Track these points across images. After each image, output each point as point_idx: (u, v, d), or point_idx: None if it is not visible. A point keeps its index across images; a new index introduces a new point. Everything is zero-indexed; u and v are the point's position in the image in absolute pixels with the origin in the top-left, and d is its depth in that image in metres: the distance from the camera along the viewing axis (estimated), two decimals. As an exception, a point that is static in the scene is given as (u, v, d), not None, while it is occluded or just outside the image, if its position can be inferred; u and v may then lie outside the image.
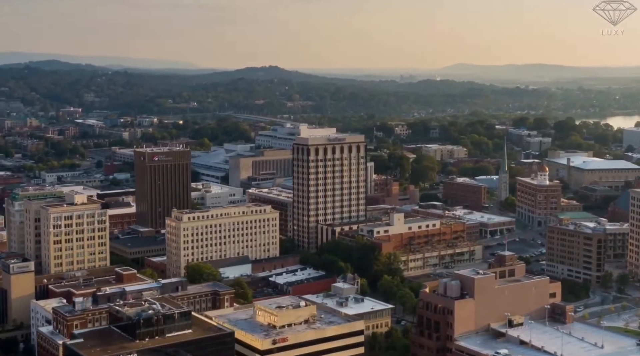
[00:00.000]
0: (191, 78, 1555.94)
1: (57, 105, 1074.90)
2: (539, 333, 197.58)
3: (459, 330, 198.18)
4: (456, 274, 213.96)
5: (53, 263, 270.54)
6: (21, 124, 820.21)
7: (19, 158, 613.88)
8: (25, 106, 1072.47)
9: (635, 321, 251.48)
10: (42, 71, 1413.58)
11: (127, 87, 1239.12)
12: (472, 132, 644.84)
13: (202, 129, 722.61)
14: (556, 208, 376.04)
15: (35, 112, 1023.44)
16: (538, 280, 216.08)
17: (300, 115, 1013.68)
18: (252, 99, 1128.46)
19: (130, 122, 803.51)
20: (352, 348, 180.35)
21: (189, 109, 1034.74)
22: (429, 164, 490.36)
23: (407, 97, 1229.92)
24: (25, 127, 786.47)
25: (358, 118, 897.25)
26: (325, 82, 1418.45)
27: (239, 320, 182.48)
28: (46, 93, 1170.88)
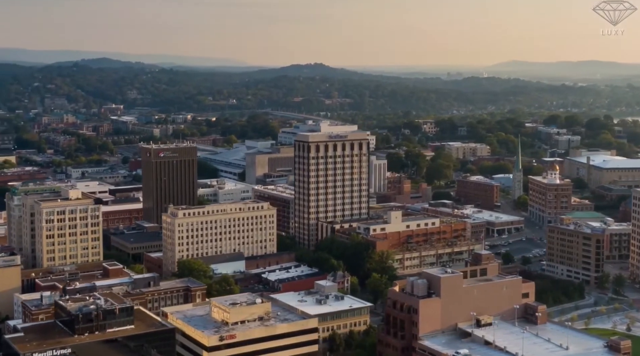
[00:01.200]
0: (236, 75, 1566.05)
1: (100, 102, 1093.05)
2: (505, 333, 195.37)
3: (424, 329, 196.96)
4: (424, 273, 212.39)
5: (46, 257, 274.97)
6: (57, 120, 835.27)
7: (50, 154, 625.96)
8: (69, 103, 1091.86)
9: (623, 324, 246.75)
10: (90, 68, 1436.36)
11: (170, 85, 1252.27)
12: (500, 130, 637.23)
13: (232, 126, 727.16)
14: (567, 207, 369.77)
15: (78, 109, 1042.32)
16: (509, 280, 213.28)
17: (338, 112, 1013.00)
18: (292, 96, 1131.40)
19: (164, 119, 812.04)
20: (304, 346, 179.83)
21: (228, 106, 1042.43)
22: (444, 162, 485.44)
23: (448, 95, 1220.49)
24: (60, 124, 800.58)
25: (393, 115, 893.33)
26: (368, 80, 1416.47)
27: (195, 316, 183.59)
28: (92, 90, 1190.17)
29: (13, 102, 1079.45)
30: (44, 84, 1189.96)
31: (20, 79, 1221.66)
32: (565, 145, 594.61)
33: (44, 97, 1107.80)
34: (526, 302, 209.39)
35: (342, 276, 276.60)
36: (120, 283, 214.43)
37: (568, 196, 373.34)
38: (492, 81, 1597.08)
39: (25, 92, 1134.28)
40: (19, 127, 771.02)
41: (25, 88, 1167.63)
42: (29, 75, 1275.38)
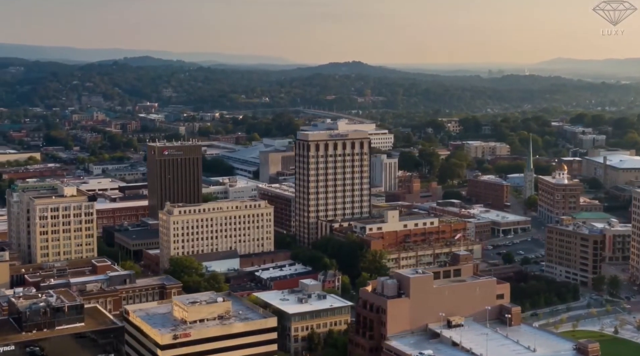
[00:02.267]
0: (274, 73, 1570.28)
1: (135, 100, 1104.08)
2: (475, 334, 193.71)
3: (392, 329, 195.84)
4: (395, 273, 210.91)
5: (39, 253, 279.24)
6: (87, 118, 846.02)
7: (76, 151, 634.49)
8: (105, 101, 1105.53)
9: (613, 326, 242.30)
10: (129, 67, 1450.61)
11: (206, 83, 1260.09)
12: (524, 129, 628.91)
13: (258, 124, 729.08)
14: (575, 207, 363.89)
15: (113, 106, 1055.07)
16: (483, 281, 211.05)
17: (370, 110, 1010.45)
18: (325, 94, 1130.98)
19: (192, 117, 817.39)
20: (262, 345, 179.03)
21: (260, 104, 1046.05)
22: (457, 161, 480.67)
23: (483, 93, 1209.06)
24: (90, 121, 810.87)
25: (423, 114, 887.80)
26: (404, 78, 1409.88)
27: (157, 314, 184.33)
28: (129, 88, 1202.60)
29: (51, 100, 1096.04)
30: (82, 82, 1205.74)
31: (60, 77, 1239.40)
32: (590, 144, 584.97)
33: (81, 95, 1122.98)
34: (501, 303, 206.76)
35: (332, 275, 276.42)
36: (95, 280, 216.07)
37: (576, 196, 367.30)
38: (532, 78, 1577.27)
39: (63, 90, 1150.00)
40: (51, 125, 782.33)
41: (64, 86, 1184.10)
42: (68, 73, 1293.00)
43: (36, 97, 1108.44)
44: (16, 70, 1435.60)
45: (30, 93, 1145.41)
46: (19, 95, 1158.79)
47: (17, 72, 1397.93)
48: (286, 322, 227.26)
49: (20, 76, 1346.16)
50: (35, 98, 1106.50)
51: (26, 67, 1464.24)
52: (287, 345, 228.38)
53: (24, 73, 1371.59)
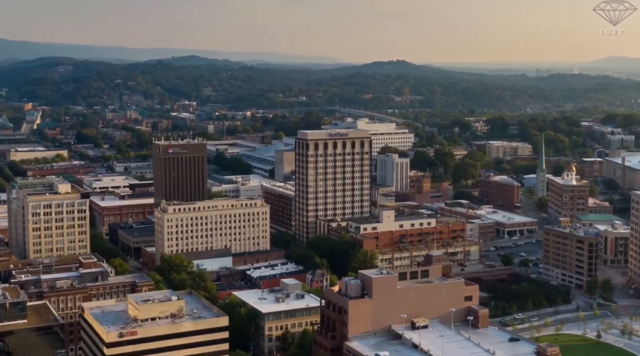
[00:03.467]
0: (316, 72, 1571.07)
1: (175, 98, 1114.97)
2: (437, 336, 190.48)
3: (353, 330, 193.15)
4: (359, 273, 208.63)
5: (32, 249, 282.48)
6: (120, 116, 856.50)
7: (105, 149, 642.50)
8: (145, 99, 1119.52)
9: (594, 331, 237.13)
10: (173, 66, 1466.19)
11: (246, 82, 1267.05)
12: (552, 129, 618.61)
13: (286, 123, 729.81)
14: (583, 209, 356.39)
15: (152, 105, 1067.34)
16: (451, 282, 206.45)
17: (407, 110, 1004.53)
18: (363, 93, 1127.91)
19: (223, 116, 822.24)
20: (213, 344, 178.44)
21: (297, 103, 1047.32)
22: (471, 161, 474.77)
23: (524, 92, 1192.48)
24: (122, 120, 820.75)
25: (458, 113, 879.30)
26: (445, 77, 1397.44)
27: (113, 312, 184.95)
28: (170, 87, 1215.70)
29: (93, 99, 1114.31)
30: (125, 81, 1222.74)
31: (104, 76, 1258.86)
32: (618, 145, 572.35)
33: (122, 94, 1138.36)
34: (469, 305, 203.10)
35: (320, 275, 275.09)
36: (66, 277, 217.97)
37: (585, 197, 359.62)
38: (580, 77, 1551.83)
39: (105, 89, 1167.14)
40: (85, 123, 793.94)
41: (107, 85, 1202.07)
42: (113, 72, 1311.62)
43: (79, 96, 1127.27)
44: (64, 69, 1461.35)
45: (74, 92, 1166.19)
46: (64, 94, 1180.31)
47: (65, 72, 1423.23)
48: (260, 321, 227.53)
49: (67, 75, 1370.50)
50: (78, 97, 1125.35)
51: (74, 66, 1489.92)
52: (261, 344, 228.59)
53: (72, 72, 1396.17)
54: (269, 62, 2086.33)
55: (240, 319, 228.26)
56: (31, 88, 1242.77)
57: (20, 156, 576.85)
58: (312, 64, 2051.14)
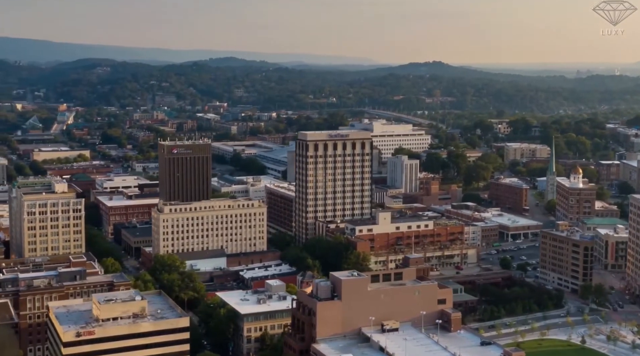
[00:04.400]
0: (350, 74, 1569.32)
1: (207, 100, 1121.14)
2: (404, 339, 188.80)
3: (322, 332, 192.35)
4: (330, 275, 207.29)
5: (27, 248, 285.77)
6: (147, 117, 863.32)
7: (128, 149, 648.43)
8: (177, 100, 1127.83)
9: (579, 336, 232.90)
10: (208, 67, 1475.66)
11: (279, 83, 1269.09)
12: (576, 131, 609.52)
13: (309, 124, 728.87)
14: (590, 212, 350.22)
15: (184, 106, 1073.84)
16: (423, 285, 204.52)
17: (436, 111, 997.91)
18: (395, 94, 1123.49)
19: (249, 117, 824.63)
20: (172, 345, 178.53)
21: (327, 105, 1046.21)
22: (483, 163, 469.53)
23: (559, 94, 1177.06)
24: (148, 121, 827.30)
25: (487, 115, 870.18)
26: (480, 78, 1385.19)
27: (77, 311, 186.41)
28: (204, 88, 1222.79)
29: (127, 99, 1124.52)
30: (159, 83, 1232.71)
31: (139, 77, 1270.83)
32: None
33: (155, 95, 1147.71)
34: (442, 308, 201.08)
35: (311, 277, 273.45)
36: (44, 276, 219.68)
37: (591, 200, 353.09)
38: (619, 79, 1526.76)
39: (139, 90, 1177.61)
40: (113, 124, 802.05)
41: (141, 86, 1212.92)
42: (148, 74, 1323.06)
43: (113, 97, 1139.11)
44: (102, 71, 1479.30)
45: (108, 93, 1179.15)
46: (99, 95, 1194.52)
47: (103, 73, 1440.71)
48: (240, 322, 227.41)
49: (105, 76, 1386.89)
50: (112, 98, 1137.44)
51: (112, 68, 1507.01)
52: (240, 345, 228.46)
53: (109, 74, 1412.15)
54: (306, 63, 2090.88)
55: (220, 320, 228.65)
56: (68, 89, 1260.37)
57: (43, 156, 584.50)
58: (349, 65, 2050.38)
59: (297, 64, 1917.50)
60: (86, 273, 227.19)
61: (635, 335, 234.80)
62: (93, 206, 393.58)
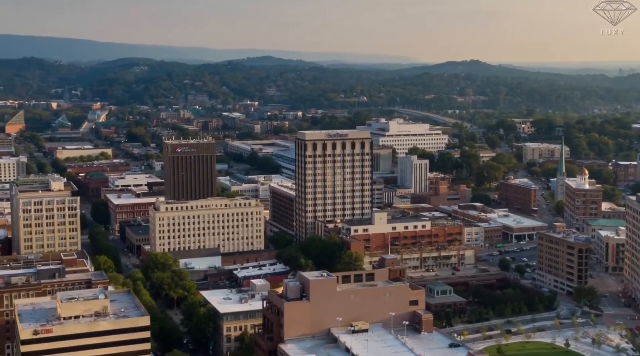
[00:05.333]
0: (386, 72, 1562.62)
1: (238, 98, 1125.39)
2: (372, 340, 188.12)
3: (290, 332, 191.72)
4: (299, 275, 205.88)
5: (23, 245, 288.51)
6: (173, 116, 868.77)
7: (152, 147, 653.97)
8: (209, 99, 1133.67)
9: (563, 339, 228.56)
10: (242, 66, 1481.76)
11: (312, 82, 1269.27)
12: (600, 131, 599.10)
13: (333, 123, 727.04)
14: (596, 214, 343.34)
15: (215, 105, 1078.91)
16: (395, 286, 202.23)
17: (467, 110, 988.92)
18: (427, 93, 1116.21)
19: (274, 116, 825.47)
20: (132, 344, 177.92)
21: (357, 104, 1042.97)
22: (495, 164, 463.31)
23: (595, 93, 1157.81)
24: (174, 119, 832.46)
25: (517, 114, 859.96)
26: (516, 77, 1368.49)
27: (42, 309, 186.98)
28: (236, 87, 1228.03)
29: (160, 98, 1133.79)
30: (193, 82, 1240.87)
31: (174, 76, 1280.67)
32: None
33: (187, 94, 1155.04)
34: (414, 310, 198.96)
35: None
36: (22, 274, 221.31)
37: (598, 202, 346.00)
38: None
39: (173, 89, 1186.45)
40: (140, 122, 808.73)
41: (175, 85, 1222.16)
42: (183, 73, 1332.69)
43: (147, 96, 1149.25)
44: (140, 70, 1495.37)
45: (142, 92, 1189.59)
46: (133, 94, 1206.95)
47: (141, 72, 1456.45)
48: (220, 321, 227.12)
49: (142, 75, 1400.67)
50: (145, 97, 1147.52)
51: (150, 67, 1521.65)
52: (220, 344, 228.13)
53: (147, 73, 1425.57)
54: (344, 62, 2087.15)
55: (200, 318, 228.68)
56: (104, 88, 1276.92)
57: (66, 154, 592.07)
58: (388, 64, 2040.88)
59: (336, 63, 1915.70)
60: (65, 271, 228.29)
61: (623, 338, 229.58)
62: (102, 204, 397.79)
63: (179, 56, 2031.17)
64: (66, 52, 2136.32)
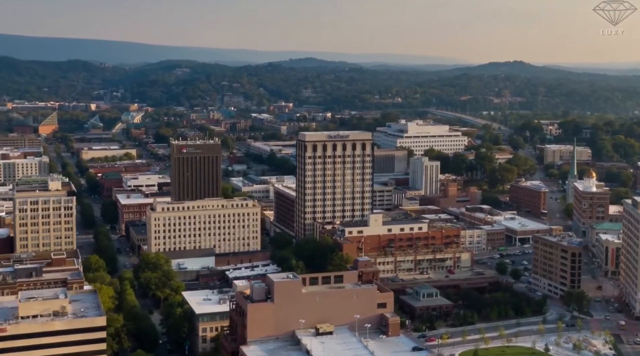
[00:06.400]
0: (426, 73, 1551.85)
1: (274, 100, 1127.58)
2: (336, 343, 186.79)
3: (253, 334, 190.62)
4: (267, 277, 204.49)
5: (19, 244, 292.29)
6: (203, 117, 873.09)
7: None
8: (245, 101, 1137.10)
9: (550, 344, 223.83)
10: (281, 68, 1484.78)
11: (349, 83, 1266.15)
12: (627, 133, 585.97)
13: (359, 124, 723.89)
14: (603, 217, 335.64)
15: (250, 106, 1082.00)
16: (362, 289, 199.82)
17: (503, 111, 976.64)
18: (464, 94, 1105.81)
19: (303, 117, 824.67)
20: (86, 344, 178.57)
21: (391, 105, 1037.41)
22: (508, 166, 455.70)
23: (638, 93, 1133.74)
24: (203, 120, 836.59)
25: (551, 115, 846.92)
26: (557, 78, 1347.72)
27: (4, 308, 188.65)
28: (273, 89, 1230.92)
29: (196, 100, 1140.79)
30: (230, 83, 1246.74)
31: (212, 78, 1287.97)
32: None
33: (224, 95, 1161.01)
34: (382, 312, 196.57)
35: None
36: (0, 272, 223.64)
37: (605, 205, 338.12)
38: None
39: (210, 91, 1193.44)
40: (171, 123, 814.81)
41: (213, 87, 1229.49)
42: (222, 74, 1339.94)
43: (184, 97, 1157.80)
44: (182, 72, 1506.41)
45: (180, 93, 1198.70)
46: (172, 95, 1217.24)
47: (182, 74, 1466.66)
48: (196, 322, 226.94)
49: (183, 77, 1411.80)
50: (183, 98, 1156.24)
51: (192, 69, 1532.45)
52: (196, 345, 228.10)
53: (188, 75, 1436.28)
54: (387, 63, 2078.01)
55: (175, 319, 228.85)
56: (144, 89, 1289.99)
57: (91, 155, 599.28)
58: (431, 65, 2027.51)
59: (378, 65, 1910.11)
60: (42, 270, 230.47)
61: (605, 344, 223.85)
62: (111, 204, 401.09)
63: (222, 58, 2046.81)
64: (113, 54, 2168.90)
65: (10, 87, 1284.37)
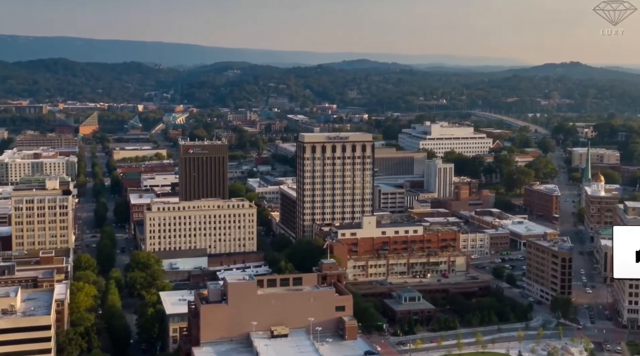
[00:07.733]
0: (477, 75, 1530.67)
1: (318, 101, 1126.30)
2: (289, 346, 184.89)
3: (207, 335, 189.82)
4: (224, 278, 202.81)
5: (15, 242, 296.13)
6: (241, 117, 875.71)
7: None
8: (289, 102, 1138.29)
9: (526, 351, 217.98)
10: (330, 69, 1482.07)
11: (397, 84, 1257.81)
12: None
13: (394, 126, 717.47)
14: (611, 222, 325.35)
15: (293, 108, 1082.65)
16: (320, 291, 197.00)
17: (551, 113, 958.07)
18: (511, 96, 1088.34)
19: (340, 118, 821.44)
20: (30, 343, 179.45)
21: (435, 106, 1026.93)
22: (525, 169, 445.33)
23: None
24: (239, 121, 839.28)
25: (596, 117, 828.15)
26: (612, 79, 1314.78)
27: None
28: (320, 91, 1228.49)
29: (242, 101, 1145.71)
30: (277, 85, 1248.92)
31: (259, 79, 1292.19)
32: None
33: (269, 97, 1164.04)
34: (340, 316, 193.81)
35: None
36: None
37: (613, 209, 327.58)
38: None
39: (255, 93, 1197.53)
40: (209, 124, 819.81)
41: (260, 88, 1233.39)
42: (269, 76, 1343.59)
43: (230, 99, 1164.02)
44: (233, 73, 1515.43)
45: (227, 95, 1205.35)
46: (219, 96, 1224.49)
47: (233, 75, 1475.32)
48: (167, 322, 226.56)
49: (233, 78, 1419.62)
50: (229, 99, 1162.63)
51: (243, 70, 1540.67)
52: (167, 345, 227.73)
53: (238, 76, 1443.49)
54: (443, 65, 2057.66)
55: (147, 319, 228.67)
56: (193, 91, 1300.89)
57: (122, 155, 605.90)
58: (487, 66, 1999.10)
59: (433, 66, 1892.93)
60: (14, 269, 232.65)
61: (583, 352, 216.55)
62: (123, 203, 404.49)
63: (276, 60, 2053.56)
64: (170, 56, 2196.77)
65: (65, 89, 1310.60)
